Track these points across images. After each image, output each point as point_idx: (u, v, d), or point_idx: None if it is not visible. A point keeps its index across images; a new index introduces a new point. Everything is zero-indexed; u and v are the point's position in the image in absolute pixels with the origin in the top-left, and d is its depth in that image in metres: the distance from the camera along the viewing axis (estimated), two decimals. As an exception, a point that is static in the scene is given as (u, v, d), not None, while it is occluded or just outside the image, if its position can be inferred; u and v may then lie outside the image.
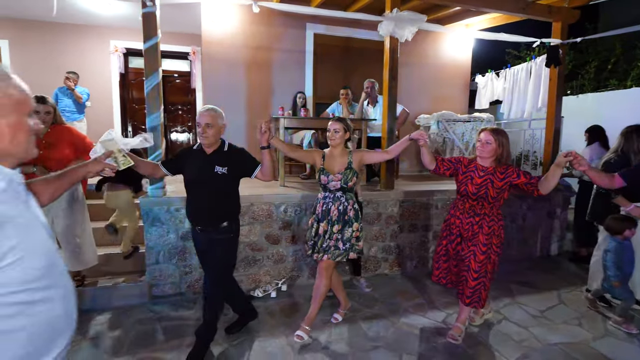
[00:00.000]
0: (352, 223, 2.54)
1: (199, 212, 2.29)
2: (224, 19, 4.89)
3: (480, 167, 2.43)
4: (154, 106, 3.08)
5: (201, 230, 2.31)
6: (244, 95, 5.10)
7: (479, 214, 2.42)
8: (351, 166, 2.54)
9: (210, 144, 2.23)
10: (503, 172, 2.38)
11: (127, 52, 6.69)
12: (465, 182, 2.45)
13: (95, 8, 5.58)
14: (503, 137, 2.37)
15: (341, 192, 2.55)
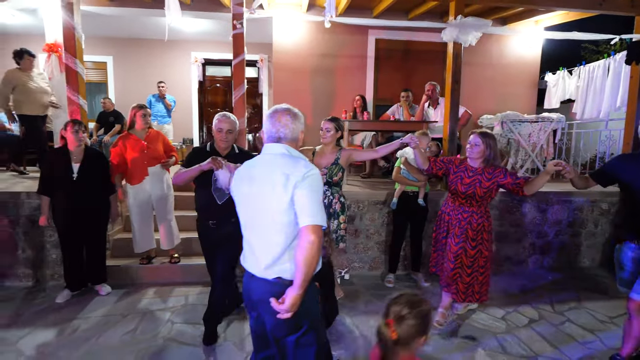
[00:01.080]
0: (338, 216, 2.75)
1: (214, 208, 2.40)
2: (292, 30, 5.34)
3: (470, 167, 2.57)
4: (240, 112, 3.57)
5: (214, 225, 2.44)
6: (309, 100, 5.51)
7: (467, 211, 2.58)
8: (338, 162, 2.76)
9: (227, 147, 2.49)
10: (491, 173, 2.51)
11: (204, 62, 7.50)
12: (455, 182, 2.60)
13: (180, 25, 6.41)
14: (490, 139, 2.48)
15: (327, 187, 2.76)
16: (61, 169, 2.90)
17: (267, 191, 1.37)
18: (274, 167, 1.39)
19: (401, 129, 4.58)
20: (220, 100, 7.82)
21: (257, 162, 1.49)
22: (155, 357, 2.35)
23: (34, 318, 2.79)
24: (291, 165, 1.38)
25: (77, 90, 3.45)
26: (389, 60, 5.66)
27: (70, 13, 3.31)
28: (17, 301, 3.09)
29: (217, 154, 2.44)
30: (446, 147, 3.89)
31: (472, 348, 2.50)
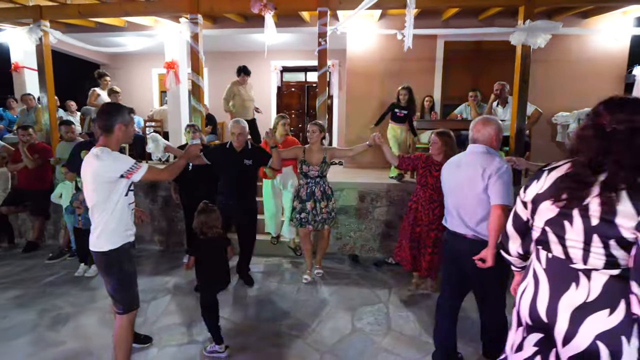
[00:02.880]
0: (330, 198, 3.46)
1: (232, 190, 3.25)
2: (365, 39, 5.84)
3: (436, 162, 2.95)
4: (322, 115, 4.19)
5: (237, 202, 3.24)
6: (378, 101, 5.96)
7: (436, 201, 2.96)
8: (325, 160, 3.37)
9: (240, 146, 3.24)
10: None
11: (282, 69, 8.39)
12: (425, 175, 3.02)
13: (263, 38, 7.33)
14: (448, 137, 2.89)
15: (319, 178, 3.38)
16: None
17: (470, 177, 1.99)
18: (476, 161, 1.99)
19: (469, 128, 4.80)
20: (294, 103, 8.66)
21: (464, 156, 2.13)
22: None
23: (170, 270, 3.77)
24: (489, 160, 1.95)
25: (199, 99, 4.40)
26: (458, 62, 5.85)
27: (195, 41, 4.25)
28: (154, 259, 4.14)
29: (234, 149, 3.25)
30: (512, 145, 4.06)
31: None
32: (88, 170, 1.90)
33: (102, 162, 1.87)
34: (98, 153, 1.88)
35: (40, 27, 4.43)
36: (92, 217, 1.98)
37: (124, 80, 8.63)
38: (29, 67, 6.67)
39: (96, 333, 2.68)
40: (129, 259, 2.05)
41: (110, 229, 1.95)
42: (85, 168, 1.92)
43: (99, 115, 1.96)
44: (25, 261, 4.14)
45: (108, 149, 1.91)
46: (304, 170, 3.37)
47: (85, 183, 1.95)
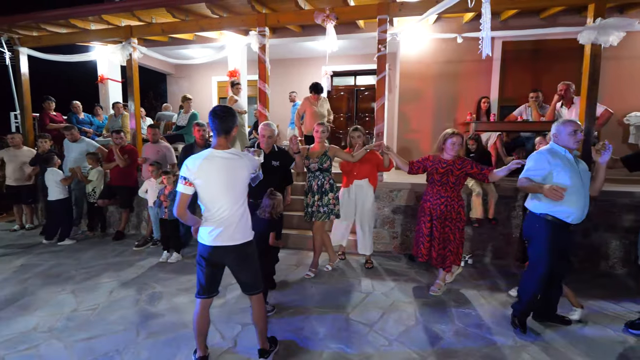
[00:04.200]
0: (327, 193, 3.55)
1: (261, 191, 3.17)
2: (418, 42, 5.92)
3: (443, 160, 3.19)
4: (380, 118, 4.37)
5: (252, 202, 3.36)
6: (431, 103, 6.01)
7: (443, 196, 3.17)
8: (326, 154, 3.56)
9: (268, 148, 3.37)
10: (460, 164, 3.13)
11: (333, 74, 8.68)
12: (432, 173, 3.22)
13: (316, 45, 7.66)
14: (461, 137, 3.18)
15: (319, 172, 3.56)
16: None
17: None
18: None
19: (530, 129, 4.70)
20: (343, 106, 8.90)
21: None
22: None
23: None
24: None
25: (265, 105, 4.79)
26: (516, 62, 5.72)
27: (263, 52, 4.64)
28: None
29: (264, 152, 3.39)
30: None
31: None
32: (226, 169, 2.03)
33: (243, 161, 2.09)
34: (236, 153, 2.09)
35: (131, 43, 5.09)
36: (231, 212, 2.07)
37: (187, 88, 9.42)
38: (112, 78, 7.59)
39: (187, 310, 3.07)
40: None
41: (248, 221, 2.17)
42: (220, 167, 2.03)
43: (220, 118, 2.04)
44: (116, 247, 4.77)
45: (235, 149, 2.13)
46: (306, 164, 3.61)
47: (217, 181, 2.03)
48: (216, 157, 2.04)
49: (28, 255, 4.46)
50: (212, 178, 2.03)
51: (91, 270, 3.95)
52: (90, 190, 5.13)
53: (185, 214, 2.11)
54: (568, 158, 2.50)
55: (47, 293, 3.38)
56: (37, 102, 6.38)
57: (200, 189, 2.06)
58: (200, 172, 2.02)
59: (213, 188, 2.05)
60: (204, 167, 2.02)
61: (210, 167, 2.03)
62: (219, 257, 2.14)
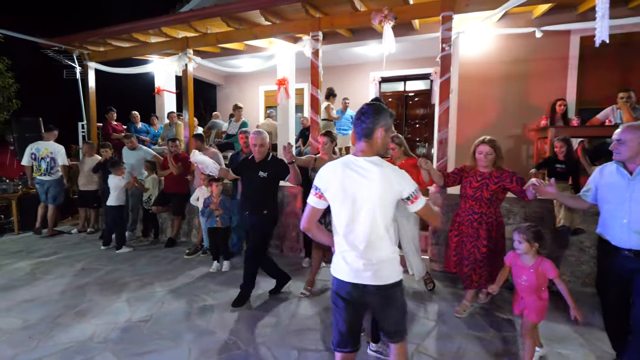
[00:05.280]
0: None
1: (246, 201, 3.22)
2: (480, 41, 5.45)
3: (479, 173, 2.87)
4: (443, 123, 3.99)
5: (248, 215, 3.20)
6: (496, 107, 5.47)
7: (477, 213, 2.87)
8: None
9: (260, 157, 3.18)
10: (498, 177, 2.79)
11: (381, 80, 8.38)
12: (465, 186, 2.95)
13: (364, 51, 7.42)
14: (497, 143, 2.80)
15: None
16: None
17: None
18: None
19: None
20: (392, 114, 8.52)
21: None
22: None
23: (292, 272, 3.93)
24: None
25: (317, 112, 4.61)
26: (598, 59, 5.03)
27: (316, 57, 4.49)
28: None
29: (254, 161, 3.23)
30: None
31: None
32: (360, 180, 1.56)
33: (387, 172, 1.55)
34: (378, 162, 1.57)
35: (186, 54, 5.20)
36: (367, 240, 1.58)
37: (235, 98, 9.61)
38: (167, 90, 7.92)
39: (238, 328, 2.89)
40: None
41: (396, 255, 1.64)
42: (352, 178, 1.57)
43: (358, 118, 1.62)
44: (168, 254, 4.80)
45: (384, 160, 1.61)
46: (311, 177, 3.36)
47: (345, 195, 1.58)
48: (351, 164, 1.59)
49: (88, 258, 4.61)
50: (340, 190, 1.59)
51: (144, 277, 3.95)
52: (145, 197, 5.25)
53: (312, 229, 1.74)
54: None
55: (104, 300, 3.39)
56: (99, 113, 6.79)
57: (330, 202, 1.65)
58: (329, 183, 1.62)
59: (340, 203, 1.61)
60: (335, 176, 1.61)
61: (342, 177, 1.58)
62: (360, 297, 1.64)
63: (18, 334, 2.80)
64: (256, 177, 3.14)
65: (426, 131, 8.20)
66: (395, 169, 1.60)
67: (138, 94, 9.37)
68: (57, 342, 2.68)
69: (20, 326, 2.91)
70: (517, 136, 5.45)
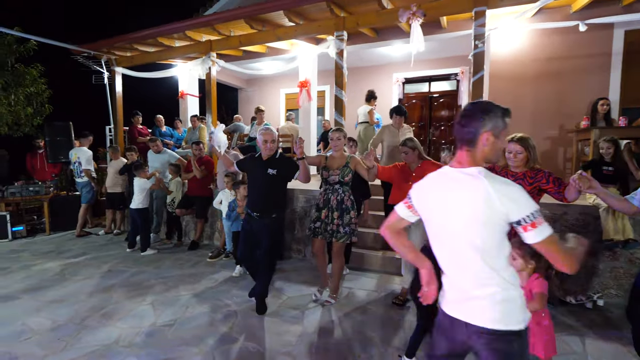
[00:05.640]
0: (349, 211, 3.12)
1: (255, 201, 3.05)
2: (512, 38, 5.20)
3: (511, 172, 2.51)
4: (476, 125, 3.78)
5: (258, 217, 3.03)
6: (529, 108, 5.19)
7: None
8: (348, 165, 3.13)
9: (268, 154, 3.04)
10: (533, 177, 2.44)
11: (405, 81, 8.18)
12: None
13: (388, 51, 7.26)
14: (529, 142, 2.44)
15: (339, 185, 3.13)
16: None
17: None
18: None
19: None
20: (416, 115, 8.31)
21: None
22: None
23: (315, 279, 3.82)
24: None
25: (342, 113, 4.50)
26: (645, 54, 4.69)
27: (340, 57, 4.39)
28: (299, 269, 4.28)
29: (261, 158, 3.08)
30: None
31: None
32: (452, 196, 1.28)
33: (497, 190, 1.19)
34: (475, 174, 1.25)
35: (210, 57, 5.22)
36: (460, 269, 1.31)
37: (257, 101, 9.65)
38: (191, 94, 8.03)
39: (262, 336, 2.80)
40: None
41: (512, 295, 1.26)
42: (445, 193, 1.30)
43: (458, 121, 1.32)
44: (191, 257, 4.79)
45: (488, 171, 1.28)
46: (324, 176, 3.21)
47: (438, 212, 1.33)
48: (445, 177, 1.33)
49: (115, 260, 4.67)
50: (429, 206, 1.37)
51: (169, 280, 3.94)
52: (169, 200, 5.29)
53: (389, 238, 1.49)
54: None
55: (129, 302, 3.39)
56: (125, 117, 6.95)
57: (423, 219, 1.42)
58: (423, 195, 1.39)
59: (429, 222, 1.39)
60: (430, 188, 1.37)
61: (434, 191, 1.34)
62: (460, 335, 1.33)
63: (47, 335, 2.82)
64: (265, 175, 2.99)
65: (452, 133, 7.91)
66: (502, 181, 1.23)
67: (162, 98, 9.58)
68: (84, 344, 2.68)
69: (49, 327, 2.94)
70: (553, 138, 5.15)
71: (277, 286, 3.76)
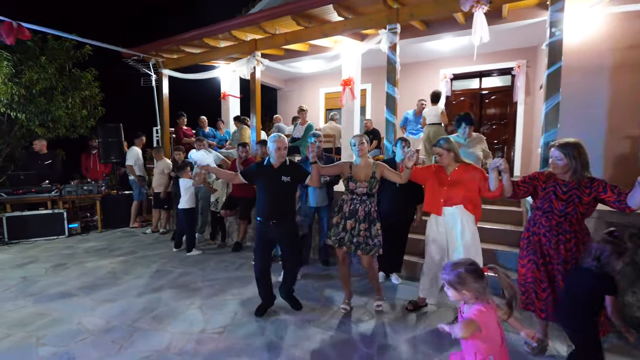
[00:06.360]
0: (375, 222, 3.00)
1: (271, 210, 3.00)
2: (585, 25, 4.64)
3: (561, 182, 2.32)
4: (552, 122, 3.37)
5: (275, 224, 2.99)
6: (605, 103, 4.61)
7: (568, 231, 2.31)
8: (375, 176, 2.97)
9: (279, 162, 3.00)
10: (589, 187, 2.25)
11: (453, 77, 7.70)
12: (548, 199, 2.36)
13: (436, 46, 6.84)
14: (573, 149, 2.24)
15: (366, 196, 3.00)
16: None
17: None
18: None
19: None
20: (464, 114, 7.78)
21: None
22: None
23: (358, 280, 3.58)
24: None
25: (394, 112, 4.22)
26: None
27: (393, 52, 4.11)
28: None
29: (271, 166, 3.04)
30: None
31: None
32: None
33: None
34: None
35: (255, 57, 5.14)
36: None
37: (295, 100, 9.56)
38: (232, 95, 8.08)
39: (315, 348, 2.62)
40: None
41: None
42: None
43: None
44: (235, 259, 4.73)
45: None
46: (350, 187, 3.03)
47: None
48: None
49: (162, 260, 4.72)
50: None
51: (215, 283, 3.88)
52: (214, 200, 5.28)
53: None
54: None
55: (178, 305, 3.35)
56: (171, 118, 7.09)
57: None
58: None
59: None
60: None
61: None
62: None
63: (102, 336, 2.81)
64: (279, 182, 3.00)
65: (505, 132, 7.34)
66: None
67: (204, 100, 9.77)
68: (137, 349, 2.63)
69: (103, 327, 2.94)
70: (634, 137, 4.52)
71: (327, 294, 3.57)
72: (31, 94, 6.42)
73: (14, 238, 5.55)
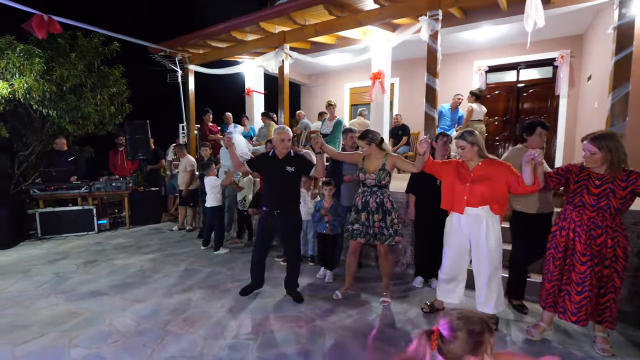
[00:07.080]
0: (390, 212, 2.99)
1: (275, 201, 3.12)
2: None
3: (595, 174, 2.26)
4: (620, 114, 3.02)
5: (279, 214, 3.10)
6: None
7: (600, 227, 2.24)
8: (384, 167, 2.96)
9: (283, 153, 3.11)
10: (624, 180, 2.18)
11: (488, 69, 7.27)
12: (580, 192, 2.31)
13: (471, 36, 6.45)
14: (609, 141, 2.17)
15: (377, 188, 3.01)
16: None
17: None
18: None
19: None
20: (500, 107, 7.36)
21: None
22: None
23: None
24: None
25: (434, 105, 3.94)
26: None
27: (434, 40, 3.83)
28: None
29: (276, 157, 3.15)
30: None
31: None
32: None
33: None
34: None
35: (284, 50, 4.95)
36: None
37: (320, 96, 9.36)
38: (257, 91, 7.95)
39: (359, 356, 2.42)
40: None
41: None
42: None
43: None
44: (263, 259, 4.58)
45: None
46: (361, 178, 3.08)
47: None
48: None
49: (190, 258, 4.64)
50: None
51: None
52: (240, 198, 5.16)
53: None
54: None
55: (209, 308, 3.22)
56: (197, 114, 7.03)
57: None
58: None
59: None
60: None
61: None
62: None
63: (133, 339, 2.71)
64: (284, 172, 3.11)
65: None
66: None
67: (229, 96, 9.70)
68: (170, 354, 2.51)
69: (134, 330, 2.84)
70: None
71: (363, 298, 3.36)
72: (62, 90, 6.49)
73: (47, 233, 5.63)
